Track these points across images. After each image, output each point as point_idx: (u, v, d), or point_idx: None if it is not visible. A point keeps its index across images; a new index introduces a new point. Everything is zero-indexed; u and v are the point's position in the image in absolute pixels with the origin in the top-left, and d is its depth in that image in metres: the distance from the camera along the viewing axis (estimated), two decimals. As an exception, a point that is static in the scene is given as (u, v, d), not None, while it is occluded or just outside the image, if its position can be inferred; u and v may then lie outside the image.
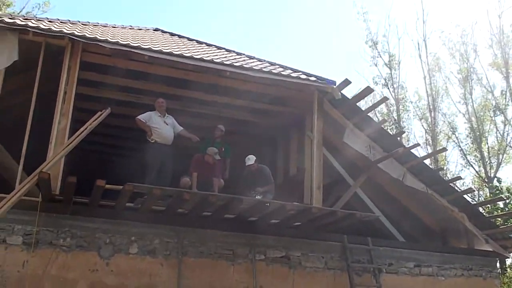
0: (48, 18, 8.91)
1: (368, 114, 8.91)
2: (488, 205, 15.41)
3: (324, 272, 8.06)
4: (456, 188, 9.64)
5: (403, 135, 26.18)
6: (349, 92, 8.83)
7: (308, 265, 8.00)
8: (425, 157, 9.90)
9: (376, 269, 8.21)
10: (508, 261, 22.03)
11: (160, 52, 7.85)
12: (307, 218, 7.47)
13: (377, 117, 27.86)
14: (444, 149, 8.83)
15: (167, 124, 8.56)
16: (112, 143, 11.97)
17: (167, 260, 7.32)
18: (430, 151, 26.68)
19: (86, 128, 6.55)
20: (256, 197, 7.77)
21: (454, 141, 28.09)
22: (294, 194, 9.37)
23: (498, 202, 16.96)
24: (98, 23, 9.71)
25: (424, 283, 8.65)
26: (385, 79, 28.05)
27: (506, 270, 22.25)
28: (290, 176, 10.02)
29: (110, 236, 7.19)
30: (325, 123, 8.99)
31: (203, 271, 7.43)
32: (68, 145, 6.33)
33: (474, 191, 21.87)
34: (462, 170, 28.58)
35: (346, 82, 8.40)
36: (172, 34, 11.27)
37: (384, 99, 8.40)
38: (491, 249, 9.42)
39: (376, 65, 28.52)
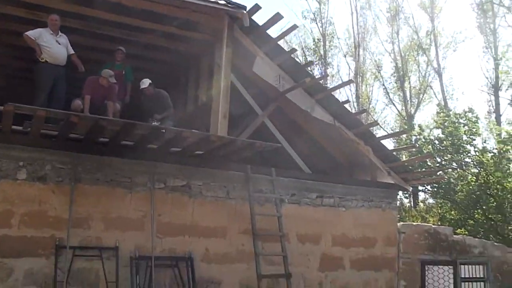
0: None
1: (279, 43, 8.66)
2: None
3: (225, 201, 7.99)
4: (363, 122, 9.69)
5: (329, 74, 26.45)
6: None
7: (209, 194, 7.89)
8: (333, 89, 9.89)
9: (278, 199, 8.25)
10: (421, 196, 23.34)
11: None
12: (207, 147, 7.29)
13: (304, 53, 27.87)
14: (351, 81, 8.83)
15: (59, 44, 7.97)
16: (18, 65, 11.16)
17: (59, 187, 6.95)
18: (356, 90, 27.18)
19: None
20: (153, 123, 7.50)
21: (379, 79, 28.69)
22: (204, 123, 9.19)
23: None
24: None
25: (325, 213, 8.80)
26: (313, 14, 27.85)
27: (418, 204, 23.57)
28: (200, 105, 9.76)
29: (-4, 160, 6.75)
30: (236, 52, 8.71)
31: (98, 199, 7.14)
32: None
33: (378, 124, 22.43)
34: (384, 108, 29.44)
35: (256, 8, 8.02)
36: None
37: (294, 27, 8.17)
38: (392, 182, 9.69)
39: (306, -1, 28.23)
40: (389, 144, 20.47)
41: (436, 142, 16.79)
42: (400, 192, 15.16)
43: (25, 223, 6.71)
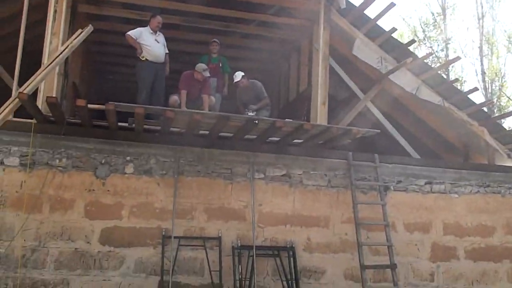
0: None
1: (378, 23, 8.29)
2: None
3: (327, 190, 7.82)
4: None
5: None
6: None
7: (310, 183, 7.78)
8: (440, 67, 9.30)
9: (382, 187, 7.94)
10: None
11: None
12: (303, 135, 7.21)
13: (423, 29, 26.51)
14: (458, 58, 8.16)
15: (158, 42, 8.29)
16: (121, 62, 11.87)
17: (163, 179, 7.25)
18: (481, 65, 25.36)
19: (66, 48, 6.37)
20: (249, 114, 7.54)
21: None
22: (306, 110, 9.14)
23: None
24: None
25: (435, 200, 8.29)
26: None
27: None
28: (301, 92, 9.71)
29: (105, 156, 7.16)
30: (334, 35, 8.55)
31: (200, 190, 7.35)
32: (47, 66, 6.17)
33: (493, 102, 20.64)
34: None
35: (351, -12, 7.82)
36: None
37: (391, 5, 7.75)
38: (512, 165, 8.92)
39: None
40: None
41: None
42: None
43: (134, 215, 7.11)
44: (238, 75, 8.58)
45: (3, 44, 8.72)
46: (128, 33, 8.25)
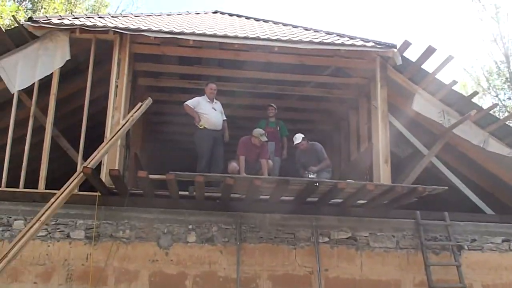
0: (100, 14, 9.38)
1: (437, 77, 8.36)
2: None
3: (395, 252, 7.76)
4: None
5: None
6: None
7: (377, 245, 7.76)
8: (507, 118, 9.17)
9: (455, 246, 7.79)
10: None
11: (204, 34, 7.95)
12: (366, 196, 7.25)
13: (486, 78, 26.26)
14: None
15: (215, 110, 8.73)
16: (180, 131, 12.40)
17: (226, 247, 7.47)
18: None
19: (127, 121, 6.84)
20: (309, 176, 7.66)
21: None
22: (367, 169, 9.21)
23: None
24: (152, 13, 10.02)
25: (515, 260, 8.06)
26: (492, 34, 26.18)
27: None
28: (362, 151, 9.79)
29: (168, 225, 7.49)
30: (392, 91, 8.70)
31: (263, 257, 7.49)
32: (110, 140, 6.63)
33: None
34: None
35: (406, 44, 8.00)
36: (231, 15, 11.37)
37: (449, 59, 7.85)
38: None
39: (481, 20, 26.70)
40: None
41: None
42: None
43: (198, 284, 7.31)
44: (298, 137, 8.84)
45: (68, 120, 9.37)
46: (186, 103, 8.75)
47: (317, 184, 6.63)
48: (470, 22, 43.99)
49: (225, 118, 9.02)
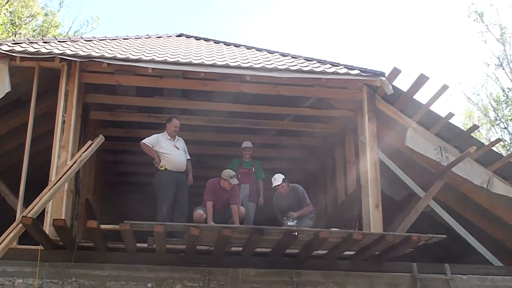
0: (45, 39, 9.40)
1: (431, 108, 8.52)
2: None
3: (390, 310, 7.80)
4: None
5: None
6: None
7: (368, 303, 7.77)
8: (509, 156, 9.28)
9: (458, 304, 7.84)
10: None
11: (165, 62, 8.03)
12: (353, 247, 7.27)
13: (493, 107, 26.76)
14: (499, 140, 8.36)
15: (177, 149, 8.74)
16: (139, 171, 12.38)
17: (192, 308, 7.42)
18: None
19: (75, 162, 6.81)
20: (288, 224, 7.67)
21: None
22: (357, 214, 9.24)
23: None
24: (106, 37, 10.09)
25: (527, 318, 8.10)
26: (498, 58, 26.84)
27: None
28: (349, 194, 9.85)
29: (123, 284, 7.36)
30: (382, 124, 8.84)
31: (237, 319, 7.45)
32: (55, 184, 6.59)
33: None
34: None
35: (395, 72, 8.17)
36: (197, 39, 11.54)
37: (444, 88, 8.02)
38: None
39: (485, 42, 27.42)
40: None
41: None
42: None
43: None
44: (278, 178, 8.83)
45: (8, 160, 9.28)
46: (143, 141, 8.72)
47: (296, 233, 6.63)
48: (471, 45, 45.11)
49: (189, 158, 9.01)
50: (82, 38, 9.92)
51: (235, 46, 10.59)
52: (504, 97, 26.71)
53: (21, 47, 8.16)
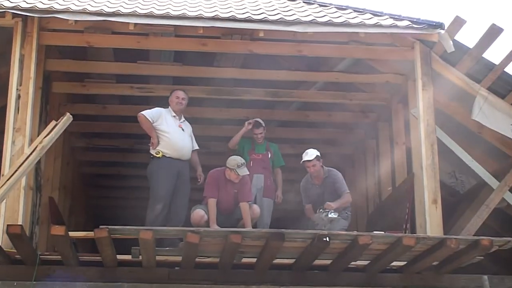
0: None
1: (506, 70, 8.34)
2: None
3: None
4: None
5: None
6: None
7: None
8: None
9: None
10: None
11: (150, 15, 7.86)
12: (404, 255, 7.14)
13: None
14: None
15: (183, 130, 8.60)
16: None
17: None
18: None
19: (35, 149, 6.69)
20: (329, 216, 7.95)
21: None
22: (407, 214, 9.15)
23: None
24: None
25: None
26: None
27: None
28: (397, 186, 9.76)
29: (100, 307, 7.36)
30: (440, 93, 8.70)
31: None
32: (8, 178, 6.48)
33: None
34: None
35: (458, 23, 7.92)
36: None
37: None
38: None
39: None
40: None
41: None
42: None
43: None
44: (311, 153, 8.55)
45: None
46: (142, 113, 8.47)
47: (328, 238, 6.50)
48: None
49: (196, 147, 8.90)
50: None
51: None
52: None
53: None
